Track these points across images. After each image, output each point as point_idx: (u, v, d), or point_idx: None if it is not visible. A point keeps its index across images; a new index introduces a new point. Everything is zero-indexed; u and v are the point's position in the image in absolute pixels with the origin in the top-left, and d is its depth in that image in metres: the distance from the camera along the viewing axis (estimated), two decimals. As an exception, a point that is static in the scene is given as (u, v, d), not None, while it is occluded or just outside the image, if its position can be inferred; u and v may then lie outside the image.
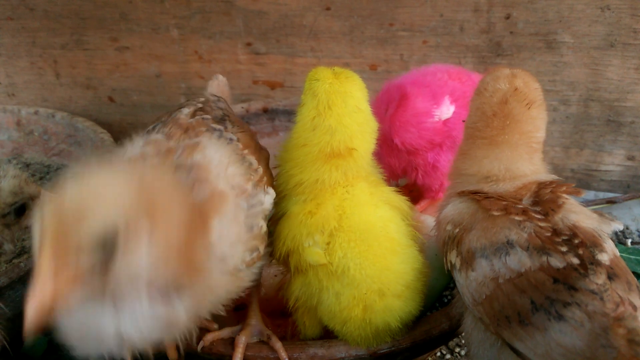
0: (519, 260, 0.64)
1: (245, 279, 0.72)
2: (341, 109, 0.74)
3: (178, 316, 0.58)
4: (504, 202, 0.70)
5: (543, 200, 0.70)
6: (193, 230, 0.58)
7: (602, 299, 0.59)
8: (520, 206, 0.69)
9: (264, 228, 0.72)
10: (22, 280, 0.89)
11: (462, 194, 0.76)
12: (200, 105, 0.82)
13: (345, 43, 1.43)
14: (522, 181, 0.74)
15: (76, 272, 0.50)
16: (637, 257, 1.21)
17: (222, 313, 0.70)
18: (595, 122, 1.37)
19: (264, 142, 1.41)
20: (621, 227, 0.72)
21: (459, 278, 0.70)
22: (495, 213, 0.69)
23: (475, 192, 0.74)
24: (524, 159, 0.75)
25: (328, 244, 0.72)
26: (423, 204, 1.13)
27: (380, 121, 0.88)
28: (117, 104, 1.68)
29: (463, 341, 1.08)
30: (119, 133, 1.66)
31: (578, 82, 1.34)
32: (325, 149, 0.73)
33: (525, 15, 1.30)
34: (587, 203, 1.37)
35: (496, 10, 1.31)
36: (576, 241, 0.64)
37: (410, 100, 1.02)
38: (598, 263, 0.62)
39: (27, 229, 0.90)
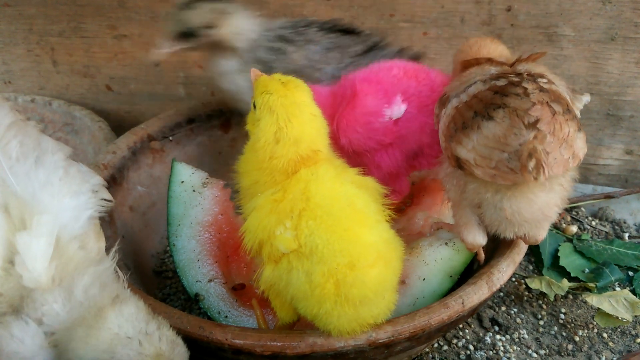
0: (476, 88, 0.78)
1: None
2: (300, 119, 0.77)
3: None
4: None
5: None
6: None
7: (522, 98, 0.71)
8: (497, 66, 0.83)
9: None
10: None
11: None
12: None
13: (345, 33, 1.42)
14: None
15: None
16: (634, 252, 1.21)
17: None
18: (594, 115, 1.37)
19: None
20: (588, 99, 0.86)
21: (440, 122, 0.84)
22: (472, 69, 0.84)
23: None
24: None
25: (296, 226, 0.72)
26: None
27: (330, 117, 0.92)
28: (114, 92, 1.67)
29: (460, 333, 1.09)
30: (116, 121, 1.65)
31: (578, 76, 1.34)
32: (294, 157, 0.77)
33: (526, 7, 1.29)
34: (585, 197, 1.37)
35: (497, 2, 1.31)
36: (527, 75, 0.76)
37: (360, 98, 0.96)
38: (534, 80, 0.74)
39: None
